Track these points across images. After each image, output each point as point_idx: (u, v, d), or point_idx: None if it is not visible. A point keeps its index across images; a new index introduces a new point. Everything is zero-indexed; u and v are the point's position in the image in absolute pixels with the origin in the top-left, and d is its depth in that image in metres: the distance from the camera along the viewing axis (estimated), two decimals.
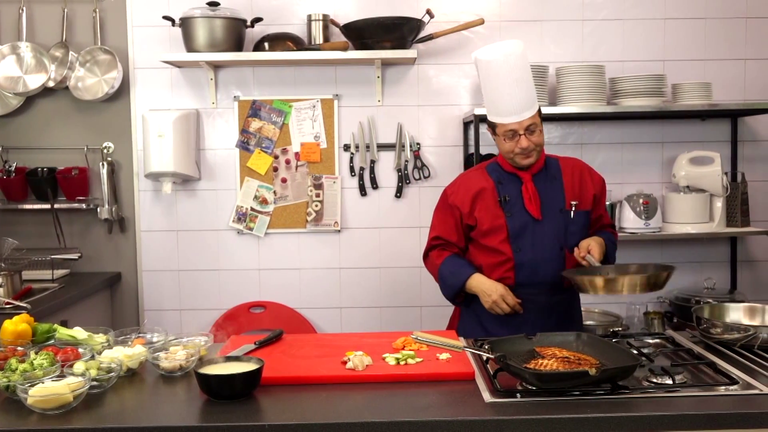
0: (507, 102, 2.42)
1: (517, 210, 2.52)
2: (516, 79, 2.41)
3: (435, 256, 2.65)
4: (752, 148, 3.82)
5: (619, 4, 3.75)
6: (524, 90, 2.43)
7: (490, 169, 2.62)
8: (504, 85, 2.41)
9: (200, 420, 1.67)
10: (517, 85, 2.41)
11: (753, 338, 2.10)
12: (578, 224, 2.55)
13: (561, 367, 1.82)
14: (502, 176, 2.58)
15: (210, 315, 3.79)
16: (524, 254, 2.49)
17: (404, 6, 3.68)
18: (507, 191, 2.54)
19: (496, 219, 2.52)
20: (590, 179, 2.62)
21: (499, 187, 2.55)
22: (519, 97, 2.42)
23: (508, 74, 2.40)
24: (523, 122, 2.43)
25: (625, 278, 2.25)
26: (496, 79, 2.43)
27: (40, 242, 3.70)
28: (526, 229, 2.51)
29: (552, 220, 2.52)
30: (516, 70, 2.41)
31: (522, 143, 2.45)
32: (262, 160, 3.74)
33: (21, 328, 2.11)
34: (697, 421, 1.65)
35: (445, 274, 2.58)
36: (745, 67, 3.78)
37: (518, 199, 2.53)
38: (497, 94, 2.44)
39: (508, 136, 2.46)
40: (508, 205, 2.52)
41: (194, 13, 3.48)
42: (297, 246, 3.80)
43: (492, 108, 2.49)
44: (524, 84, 2.43)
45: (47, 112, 3.77)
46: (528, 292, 2.50)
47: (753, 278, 3.87)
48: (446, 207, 2.64)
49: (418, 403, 1.75)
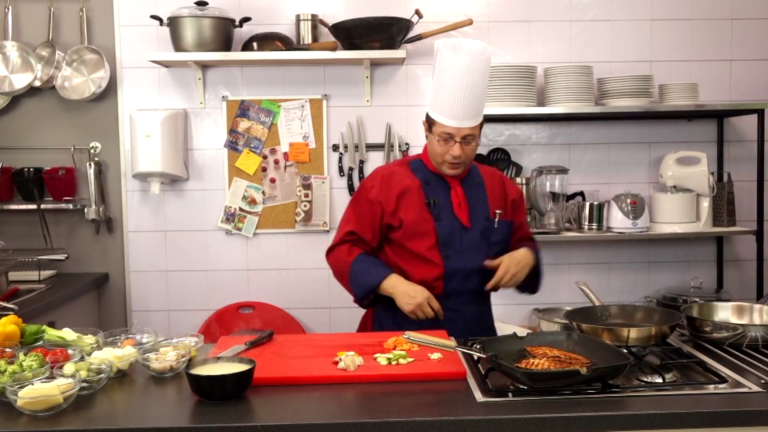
0: (454, 104, 2.31)
1: (446, 215, 2.44)
2: (471, 84, 2.30)
3: (345, 251, 2.46)
4: (738, 149, 3.86)
5: (607, 5, 3.77)
6: (476, 97, 2.33)
7: (414, 166, 2.51)
8: (457, 86, 2.30)
9: (191, 421, 1.66)
10: (470, 90, 2.30)
11: (741, 337, 2.12)
12: (501, 234, 2.51)
13: (552, 366, 1.83)
14: (428, 177, 2.48)
15: (198, 316, 3.77)
16: (453, 263, 2.42)
17: (393, 6, 3.69)
18: (435, 194, 2.45)
19: (423, 222, 2.43)
20: (510, 188, 2.58)
21: (426, 188, 2.46)
22: (468, 104, 2.32)
23: (465, 77, 2.29)
24: (462, 130, 2.34)
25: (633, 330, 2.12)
26: (452, 78, 2.30)
27: (26, 243, 3.67)
28: (454, 237, 2.44)
29: (478, 229, 2.46)
30: (475, 76, 2.30)
31: (455, 151, 2.36)
32: (251, 160, 3.73)
33: (9, 330, 2.09)
34: (687, 419, 1.66)
35: (357, 273, 2.41)
36: (731, 68, 3.81)
37: (446, 203, 2.45)
38: (447, 93, 2.32)
39: (443, 138, 2.36)
40: (437, 209, 2.44)
41: (182, 13, 3.47)
42: (286, 246, 3.79)
43: (437, 104, 2.37)
44: (478, 91, 2.33)
45: (34, 112, 3.74)
46: (454, 302, 2.45)
47: (739, 277, 3.90)
48: (365, 201, 2.48)
49: (410, 403, 1.75)
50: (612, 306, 2.36)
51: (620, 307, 2.36)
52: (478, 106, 2.36)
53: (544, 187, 3.61)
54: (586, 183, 3.80)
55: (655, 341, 2.10)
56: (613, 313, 2.32)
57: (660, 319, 2.25)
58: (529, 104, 3.52)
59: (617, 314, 2.32)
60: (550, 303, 3.78)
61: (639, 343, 2.08)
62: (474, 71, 2.30)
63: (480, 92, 2.34)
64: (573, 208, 3.68)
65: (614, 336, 2.07)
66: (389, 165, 2.60)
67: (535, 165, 3.69)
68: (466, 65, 2.28)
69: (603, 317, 2.30)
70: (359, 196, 2.52)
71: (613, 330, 2.08)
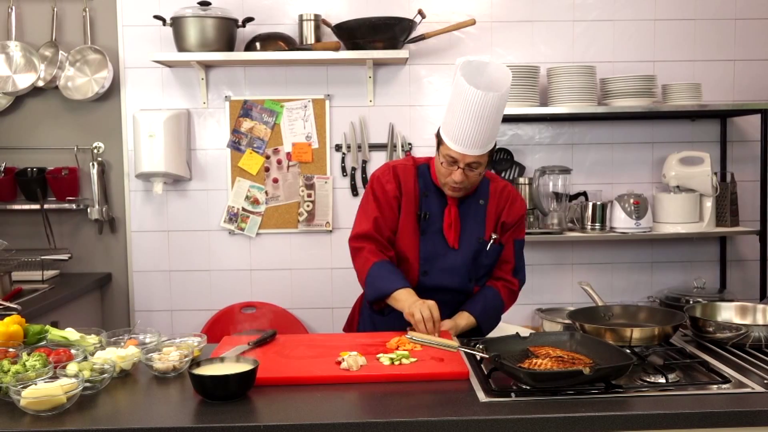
0: (463, 132, 2.22)
1: (433, 232, 2.42)
2: (485, 117, 2.20)
3: (371, 252, 2.40)
4: (741, 149, 3.85)
5: (610, 5, 3.76)
6: (488, 129, 2.23)
7: (421, 171, 2.47)
8: (469, 117, 2.20)
9: (194, 421, 1.66)
10: (482, 123, 2.20)
11: (744, 337, 2.11)
12: (491, 257, 2.48)
13: (555, 366, 1.83)
14: (429, 186, 2.44)
15: (201, 316, 3.77)
16: (430, 278, 2.41)
17: (396, 6, 3.69)
18: (429, 207, 2.42)
19: (411, 233, 2.42)
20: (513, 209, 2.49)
21: (423, 199, 2.43)
22: (478, 134, 2.22)
23: (479, 109, 2.18)
24: (467, 157, 2.26)
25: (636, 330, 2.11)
26: (464, 106, 2.20)
27: (29, 243, 3.68)
28: (437, 256, 2.42)
29: (466, 250, 2.43)
30: (488, 109, 2.19)
31: (456, 176, 2.30)
32: (254, 160, 3.74)
33: (12, 330, 2.09)
34: (690, 420, 1.66)
35: (375, 275, 2.36)
36: (734, 68, 3.81)
37: (438, 219, 2.42)
38: (457, 120, 2.22)
39: (447, 160, 2.30)
40: (426, 224, 2.42)
41: (185, 13, 3.47)
42: (289, 246, 3.80)
43: (446, 126, 2.29)
44: (491, 123, 2.22)
45: (37, 112, 3.74)
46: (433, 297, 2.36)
47: (742, 277, 3.89)
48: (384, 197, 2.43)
49: (413, 403, 1.75)
50: (615, 306, 2.36)
51: (623, 307, 2.36)
52: (489, 137, 2.26)
53: (547, 187, 3.61)
54: (589, 183, 3.79)
55: (658, 341, 2.10)
56: (616, 314, 2.32)
57: (663, 319, 2.25)
58: (532, 104, 3.52)
59: (620, 314, 2.32)
60: (553, 303, 3.78)
61: (642, 344, 2.08)
62: (488, 105, 2.19)
63: (493, 125, 2.24)
64: (576, 208, 3.67)
65: (617, 336, 2.07)
66: (400, 161, 2.53)
67: (538, 165, 3.69)
68: (480, 98, 2.17)
69: (606, 317, 2.30)
70: (376, 191, 2.45)
71: (616, 330, 2.08)
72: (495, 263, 2.51)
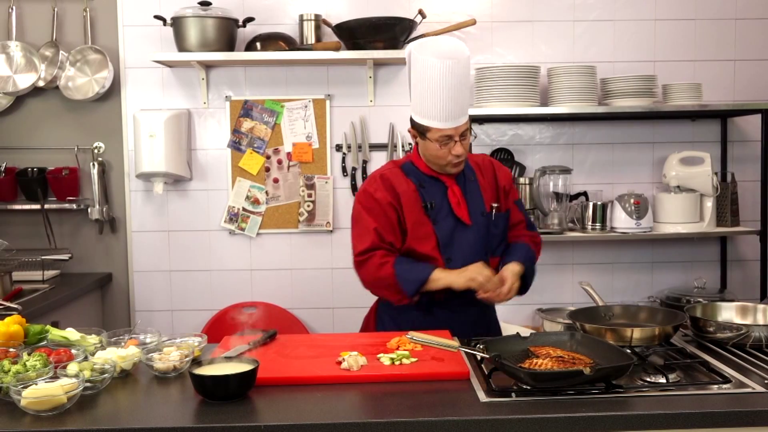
0: (446, 107, 2.28)
1: (443, 216, 2.42)
2: (459, 84, 2.28)
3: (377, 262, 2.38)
4: (741, 149, 3.85)
5: (610, 5, 3.76)
6: (463, 94, 2.30)
7: (407, 170, 2.47)
8: (445, 89, 2.26)
9: (195, 421, 1.66)
10: (458, 90, 2.28)
11: (745, 337, 2.11)
12: (499, 227, 2.49)
13: (555, 366, 1.83)
14: (422, 179, 2.45)
15: (202, 315, 3.78)
16: (455, 263, 2.40)
17: (396, 6, 3.69)
18: (431, 196, 2.42)
19: (422, 226, 2.41)
20: (500, 174, 2.55)
21: (422, 191, 2.43)
22: (458, 102, 2.29)
23: (450, 78, 2.26)
24: (459, 128, 2.31)
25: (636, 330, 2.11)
26: (437, 82, 2.26)
27: (30, 243, 3.68)
28: (454, 237, 2.42)
29: (477, 225, 2.45)
30: (458, 76, 2.27)
31: (457, 149, 2.33)
32: (254, 160, 3.74)
33: (13, 330, 2.09)
34: (690, 420, 1.66)
35: (403, 270, 2.34)
36: (734, 67, 3.81)
37: (444, 203, 2.43)
38: (435, 98, 2.28)
39: (442, 142, 2.32)
40: (434, 212, 2.42)
41: (186, 13, 3.47)
42: (289, 246, 3.80)
43: (425, 111, 2.32)
44: (464, 88, 2.30)
45: (37, 112, 3.74)
46: (458, 303, 2.43)
47: (742, 277, 3.89)
48: (376, 204, 2.42)
49: (413, 403, 1.75)
50: (615, 306, 2.36)
51: (624, 307, 2.36)
52: (467, 100, 2.34)
53: (548, 187, 3.61)
54: (590, 183, 3.79)
55: (659, 341, 2.10)
56: (616, 314, 2.32)
57: (663, 319, 2.25)
58: (533, 104, 3.51)
59: (620, 314, 2.32)
60: (553, 303, 3.78)
61: (642, 344, 2.08)
62: (457, 72, 2.27)
63: (466, 88, 2.32)
64: (576, 208, 3.67)
65: (617, 336, 2.07)
66: (382, 169, 2.54)
67: (538, 165, 3.69)
68: (448, 68, 2.25)
69: (606, 317, 2.30)
70: (367, 203, 2.45)
71: (617, 330, 2.08)
72: (504, 231, 2.52)
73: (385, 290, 2.41)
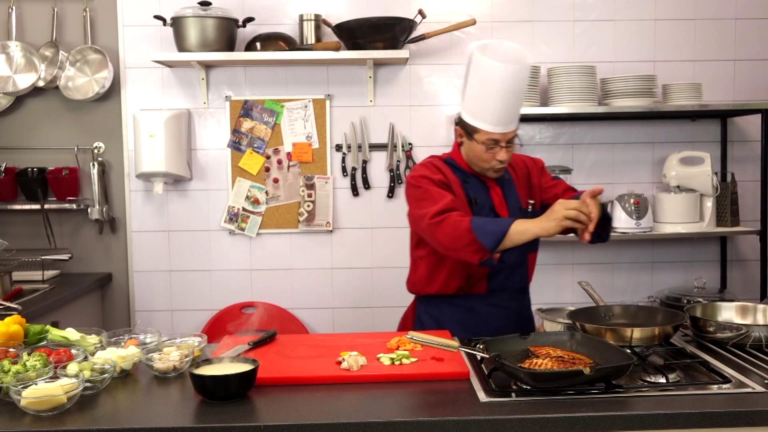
0: (500, 111, 2.27)
1: (485, 214, 2.40)
2: (517, 91, 2.27)
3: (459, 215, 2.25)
4: (741, 149, 3.85)
5: (610, 5, 3.76)
6: (519, 101, 2.31)
7: (450, 164, 2.46)
8: (502, 93, 2.25)
9: (195, 421, 1.66)
10: (515, 96, 2.27)
11: (745, 337, 2.11)
12: None
13: (555, 366, 1.83)
14: (466, 176, 2.44)
15: (201, 316, 3.78)
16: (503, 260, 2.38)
17: (396, 6, 3.69)
18: (474, 193, 2.42)
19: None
20: (532, 169, 2.53)
21: (466, 186, 2.42)
22: (512, 109, 2.29)
23: (511, 84, 2.24)
24: (508, 134, 2.31)
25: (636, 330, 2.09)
26: (496, 86, 2.25)
27: (30, 243, 3.68)
28: None
29: None
30: (518, 82, 2.26)
31: (501, 155, 2.33)
32: (254, 160, 3.74)
33: (13, 330, 2.09)
34: (690, 420, 1.66)
35: (480, 225, 2.19)
36: (734, 67, 3.81)
37: (487, 202, 2.42)
38: (491, 101, 2.27)
39: (488, 146, 2.32)
40: (477, 207, 2.40)
41: (186, 13, 3.47)
42: (289, 246, 3.80)
43: (478, 112, 2.31)
44: (521, 95, 2.31)
45: (37, 112, 3.74)
46: (499, 298, 2.46)
47: (742, 277, 3.89)
48: (437, 185, 2.35)
49: (414, 403, 1.75)
50: (615, 306, 2.36)
51: (623, 307, 2.36)
52: (519, 108, 2.34)
53: None
54: (590, 183, 3.78)
55: (659, 341, 2.10)
56: (616, 314, 2.32)
57: (663, 319, 2.25)
58: (533, 104, 3.52)
59: (620, 314, 2.32)
60: (553, 303, 3.77)
61: (642, 344, 2.07)
62: (518, 78, 2.26)
63: (522, 95, 2.32)
64: None
65: (617, 336, 2.07)
66: (430, 158, 2.50)
67: None
68: (510, 73, 2.23)
69: (606, 317, 2.30)
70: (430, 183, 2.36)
71: (617, 330, 2.08)
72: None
73: (463, 250, 2.22)
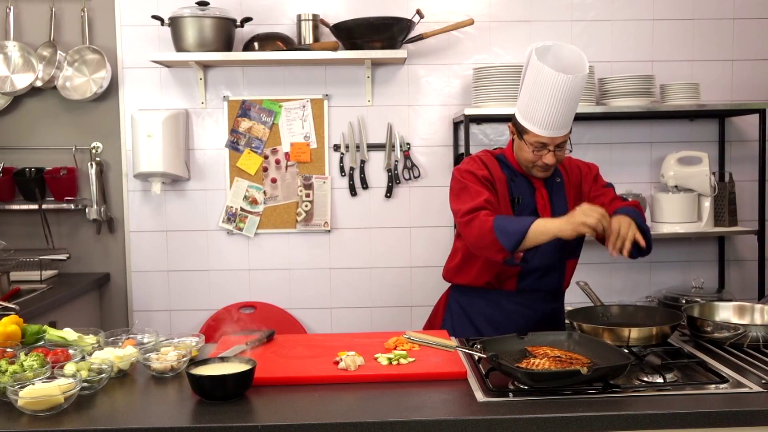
0: (552, 116, 2.26)
1: (528, 215, 2.39)
2: (571, 98, 2.26)
3: (487, 214, 2.27)
4: (740, 149, 3.85)
5: (608, 5, 3.77)
6: (572, 108, 2.29)
7: (500, 161, 2.47)
8: (558, 100, 2.24)
9: (192, 421, 1.66)
10: (569, 104, 2.26)
11: (742, 337, 2.12)
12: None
13: (553, 366, 1.83)
14: (514, 174, 2.44)
15: (200, 316, 3.77)
16: (530, 263, 2.38)
17: (394, 6, 3.69)
18: (519, 192, 2.43)
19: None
20: (585, 179, 2.53)
21: (512, 184, 2.42)
22: (565, 115, 2.28)
23: (567, 92, 2.23)
24: (557, 138, 2.31)
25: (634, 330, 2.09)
26: (548, 93, 2.23)
27: (28, 243, 3.67)
28: None
29: None
30: (572, 91, 2.24)
31: (548, 159, 2.33)
32: (252, 160, 3.73)
33: (10, 330, 2.10)
34: (688, 419, 1.66)
35: (502, 222, 2.22)
36: (732, 67, 3.81)
37: (530, 203, 2.42)
38: (542, 106, 2.26)
39: (536, 147, 2.32)
40: (519, 207, 2.41)
41: (183, 13, 3.47)
42: (287, 246, 3.80)
43: (530, 114, 2.30)
44: (574, 103, 2.29)
45: (35, 112, 3.74)
46: (528, 298, 2.47)
47: (740, 277, 3.89)
48: (483, 180, 2.36)
49: (411, 403, 1.75)
50: (613, 306, 2.36)
51: (621, 307, 2.36)
52: (572, 114, 2.32)
53: None
54: None
55: (656, 341, 2.10)
56: (614, 313, 2.32)
57: (661, 319, 2.25)
58: None
59: (618, 314, 2.32)
60: None
61: (640, 343, 2.08)
62: (572, 87, 2.24)
63: (576, 103, 2.30)
64: None
65: (615, 336, 2.07)
66: (479, 154, 2.50)
67: None
68: (564, 82, 2.22)
69: (604, 317, 2.30)
70: (472, 178, 2.37)
71: (614, 330, 2.08)
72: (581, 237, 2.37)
73: (487, 249, 2.26)
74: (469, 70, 3.72)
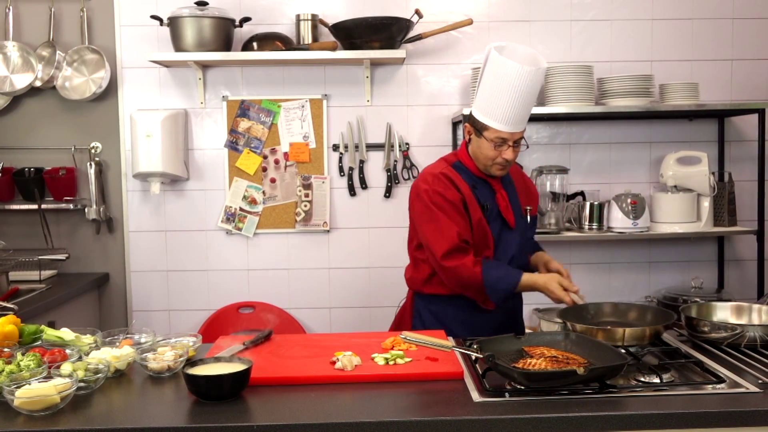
0: (511, 111, 2.33)
1: (493, 218, 2.48)
2: (530, 93, 2.33)
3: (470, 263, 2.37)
4: (739, 148, 3.85)
5: (607, 5, 3.76)
6: (530, 104, 2.38)
7: (458, 169, 2.50)
8: (517, 94, 2.31)
9: (188, 421, 1.66)
10: (527, 98, 2.34)
11: (740, 337, 2.11)
12: (532, 229, 2.62)
13: (549, 366, 1.83)
14: (474, 180, 2.49)
15: (198, 315, 3.78)
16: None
17: (393, 6, 3.69)
18: (484, 198, 2.48)
19: (481, 227, 2.45)
20: (529, 181, 2.71)
21: (476, 191, 2.47)
22: (524, 110, 2.36)
23: (526, 86, 2.31)
24: (516, 134, 2.38)
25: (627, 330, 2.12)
26: (510, 86, 2.31)
27: (27, 243, 3.68)
28: (501, 239, 2.49)
29: (519, 227, 2.54)
30: (531, 84, 2.32)
31: (508, 154, 2.39)
32: (251, 160, 3.74)
33: (8, 329, 2.09)
34: (684, 420, 1.66)
35: (493, 280, 2.36)
36: (731, 67, 3.81)
37: (494, 206, 2.49)
38: (503, 100, 2.32)
39: (496, 143, 2.38)
40: (488, 213, 2.47)
41: (182, 13, 3.47)
42: (286, 246, 3.80)
43: (490, 110, 2.36)
44: (533, 98, 2.37)
45: (34, 112, 3.74)
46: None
47: (740, 277, 3.89)
48: (451, 206, 2.42)
49: (407, 403, 1.75)
50: (605, 304, 2.38)
51: (613, 305, 2.38)
52: (530, 110, 2.40)
53: (545, 187, 3.60)
54: (587, 183, 3.79)
55: (649, 340, 2.11)
56: (606, 312, 2.34)
57: (653, 317, 2.26)
58: None
59: (610, 313, 2.35)
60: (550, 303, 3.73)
61: (632, 342, 2.08)
62: (532, 81, 2.32)
63: (534, 99, 2.39)
64: (573, 208, 3.67)
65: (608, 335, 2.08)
66: (440, 167, 2.51)
67: (535, 165, 3.68)
68: (525, 74, 2.30)
69: (596, 316, 2.31)
70: (441, 203, 2.42)
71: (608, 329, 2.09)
72: (532, 234, 2.64)
73: (470, 292, 2.44)
74: (467, 70, 3.72)
